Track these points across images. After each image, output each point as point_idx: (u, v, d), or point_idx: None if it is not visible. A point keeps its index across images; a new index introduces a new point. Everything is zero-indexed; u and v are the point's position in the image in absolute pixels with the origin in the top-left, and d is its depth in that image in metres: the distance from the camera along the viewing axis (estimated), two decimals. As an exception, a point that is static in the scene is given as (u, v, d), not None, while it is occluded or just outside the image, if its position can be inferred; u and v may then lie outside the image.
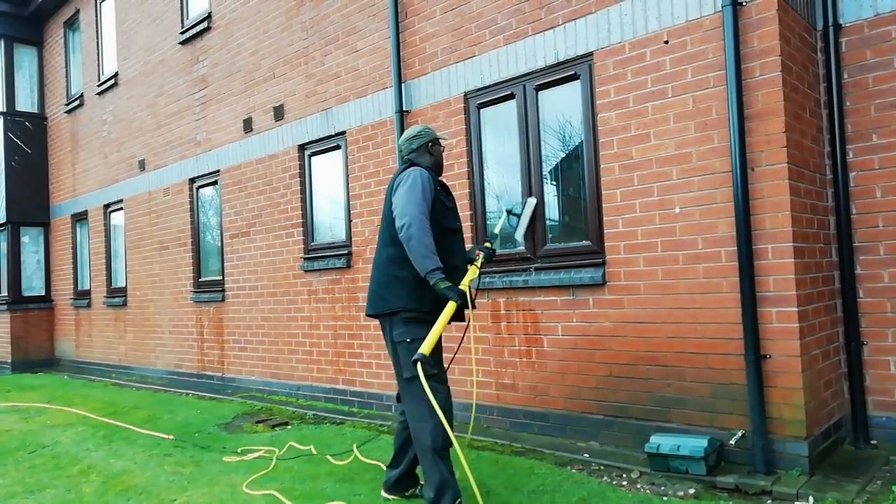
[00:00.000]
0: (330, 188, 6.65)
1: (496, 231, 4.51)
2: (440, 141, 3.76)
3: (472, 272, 3.59)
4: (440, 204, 3.44)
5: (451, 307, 3.27)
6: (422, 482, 3.58)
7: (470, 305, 3.39)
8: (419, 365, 3.16)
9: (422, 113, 5.64)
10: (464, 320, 3.56)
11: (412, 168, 3.47)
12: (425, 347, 3.16)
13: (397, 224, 3.30)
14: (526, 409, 4.92)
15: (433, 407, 3.15)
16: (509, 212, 4.86)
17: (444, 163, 5.39)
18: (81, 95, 11.03)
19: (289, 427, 5.68)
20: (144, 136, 9.43)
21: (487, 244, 3.90)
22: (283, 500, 3.75)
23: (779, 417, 3.74)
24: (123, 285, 9.93)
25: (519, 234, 4.88)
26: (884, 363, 4.17)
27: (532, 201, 4.86)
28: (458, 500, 3.22)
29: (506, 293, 5.04)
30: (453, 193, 5.31)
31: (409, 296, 3.33)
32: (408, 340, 3.33)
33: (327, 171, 6.67)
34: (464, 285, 3.41)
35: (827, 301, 4.15)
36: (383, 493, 3.72)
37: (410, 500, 3.67)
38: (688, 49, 4.09)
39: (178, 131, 8.69)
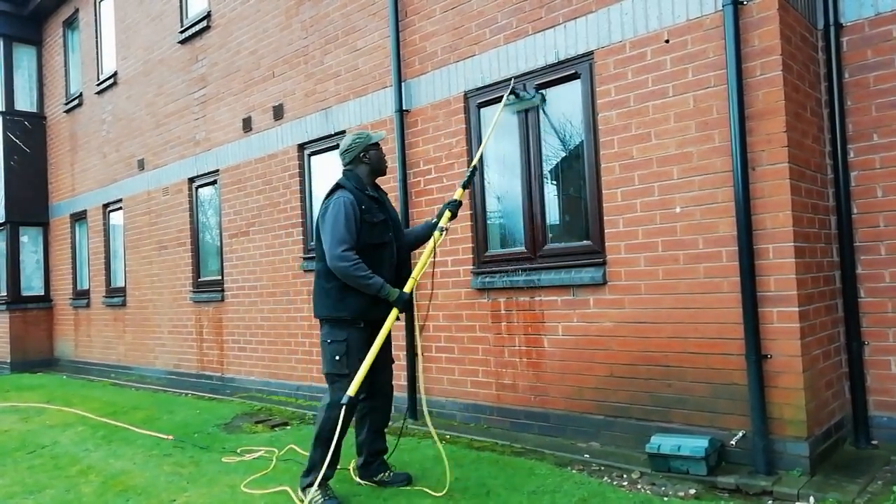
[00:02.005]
0: (329, 188, 6.63)
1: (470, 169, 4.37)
2: (377, 143, 3.92)
3: (429, 248, 3.91)
4: (366, 225, 3.71)
5: (393, 315, 3.70)
6: (392, 468, 4.00)
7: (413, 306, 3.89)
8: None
9: (422, 112, 5.63)
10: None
11: (336, 195, 3.75)
12: (352, 388, 3.53)
13: (328, 263, 3.66)
14: (526, 409, 4.91)
15: (334, 401, 3.60)
16: (514, 91, 4.81)
17: (445, 162, 5.42)
18: (80, 95, 11.02)
19: (288, 427, 5.67)
20: (143, 136, 9.41)
21: (456, 197, 4.11)
22: (285, 499, 3.74)
23: (779, 417, 3.73)
24: (122, 285, 9.91)
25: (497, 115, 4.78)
26: (885, 363, 4.16)
27: (538, 99, 4.81)
28: (328, 479, 3.67)
29: (506, 293, 5.03)
30: (455, 191, 5.33)
31: (333, 305, 3.72)
32: (328, 341, 3.74)
33: (327, 170, 6.65)
34: (409, 285, 3.79)
35: (828, 301, 4.15)
36: (356, 479, 4.01)
37: (383, 487, 3.87)
38: (688, 48, 4.08)
39: (178, 131, 8.68)
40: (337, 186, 3.83)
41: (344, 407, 3.49)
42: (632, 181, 4.32)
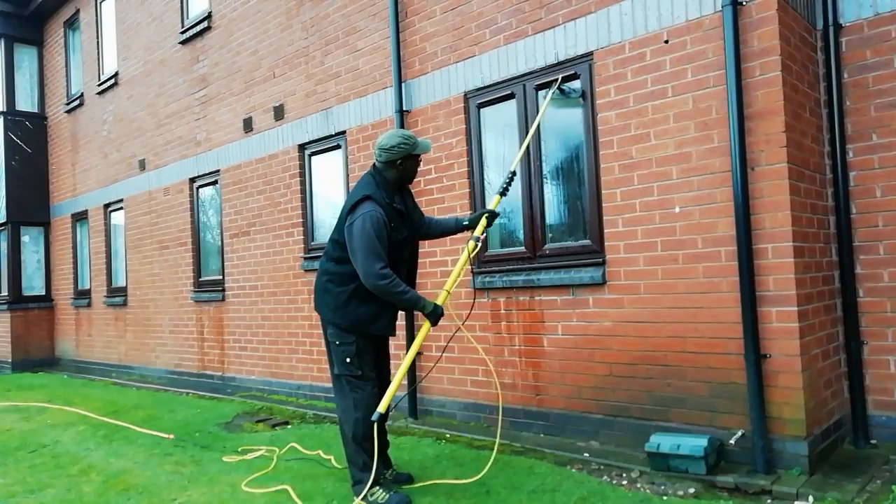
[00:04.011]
0: (330, 188, 6.66)
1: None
2: (418, 155, 3.72)
3: (463, 258, 3.78)
4: (390, 242, 3.58)
5: (426, 327, 3.64)
6: (392, 467, 3.95)
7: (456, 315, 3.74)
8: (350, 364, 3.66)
9: (422, 112, 5.64)
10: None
11: (366, 208, 3.51)
12: (382, 405, 3.53)
13: (363, 280, 3.51)
14: (526, 408, 4.92)
15: (356, 401, 3.61)
16: (560, 87, 4.63)
17: (445, 162, 5.43)
18: (81, 95, 11.03)
19: (289, 426, 5.69)
20: (144, 136, 9.43)
21: (492, 206, 3.98)
22: (286, 498, 3.76)
23: (778, 417, 3.74)
24: (124, 285, 9.93)
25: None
26: (883, 363, 4.17)
27: (580, 98, 4.63)
28: (381, 477, 3.67)
29: (506, 293, 5.04)
30: (455, 191, 5.36)
31: (335, 311, 3.67)
32: (337, 343, 3.68)
33: (327, 170, 6.67)
34: (442, 297, 3.70)
35: (827, 301, 4.16)
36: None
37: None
38: (688, 49, 4.09)
39: (179, 131, 8.70)
40: (366, 197, 3.56)
41: (374, 421, 3.51)
42: (631, 181, 4.33)
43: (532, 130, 4.56)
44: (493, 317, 5.12)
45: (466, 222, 3.95)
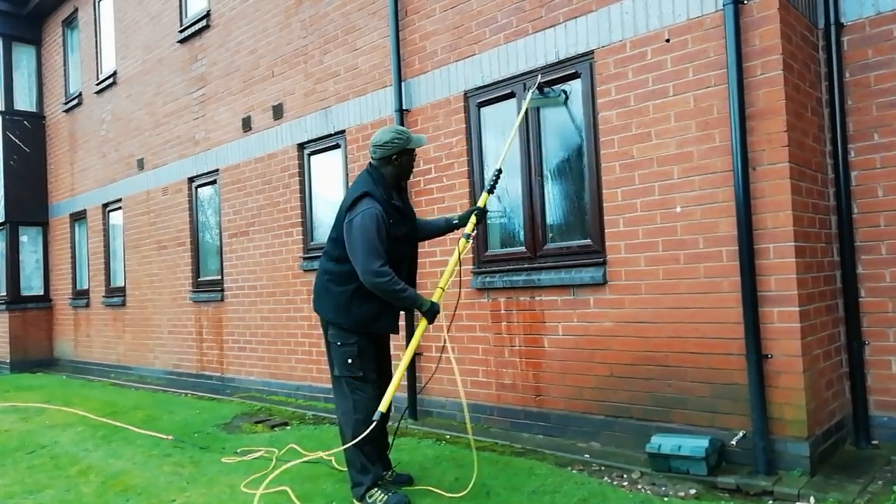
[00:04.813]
0: (329, 187, 6.64)
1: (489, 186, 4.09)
2: (413, 149, 3.73)
3: (455, 257, 3.80)
4: (390, 240, 3.57)
5: (423, 325, 3.68)
6: (393, 468, 3.91)
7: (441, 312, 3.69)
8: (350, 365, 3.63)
9: (422, 112, 5.62)
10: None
11: (365, 205, 3.51)
12: (383, 404, 3.52)
13: (361, 277, 3.50)
14: (526, 409, 4.91)
15: (356, 403, 3.60)
16: (540, 87, 4.60)
17: (445, 162, 5.42)
18: (80, 94, 11.01)
19: (288, 427, 5.67)
20: (143, 136, 9.41)
21: (480, 203, 3.96)
22: (285, 499, 3.74)
23: (780, 417, 3.73)
24: (122, 285, 9.91)
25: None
26: (885, 363, 4.15)
27: (563, 98, 4.62)
28: (379, 479, 3.64)
29: (506, 293, 5.02)
30: (455, 191, 5.34)
31: (336, 311, 3.65)
32: (338, 344, 3.65)
33: (327, 170, 6.65)
34: (437, 294, 3.74)
35: (828, 301, 4.14)
36: None
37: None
38: (689, 48, 4.07)
39: (177, 130, 8.67)
40: (364, 194, 3.55)
41: (375, 421, 3.48)
42: (632, 181, 4.31)
43: (513, 132, 4.54)
44: (494, 317, 5.10)
45: (456, 220, 3.95)
